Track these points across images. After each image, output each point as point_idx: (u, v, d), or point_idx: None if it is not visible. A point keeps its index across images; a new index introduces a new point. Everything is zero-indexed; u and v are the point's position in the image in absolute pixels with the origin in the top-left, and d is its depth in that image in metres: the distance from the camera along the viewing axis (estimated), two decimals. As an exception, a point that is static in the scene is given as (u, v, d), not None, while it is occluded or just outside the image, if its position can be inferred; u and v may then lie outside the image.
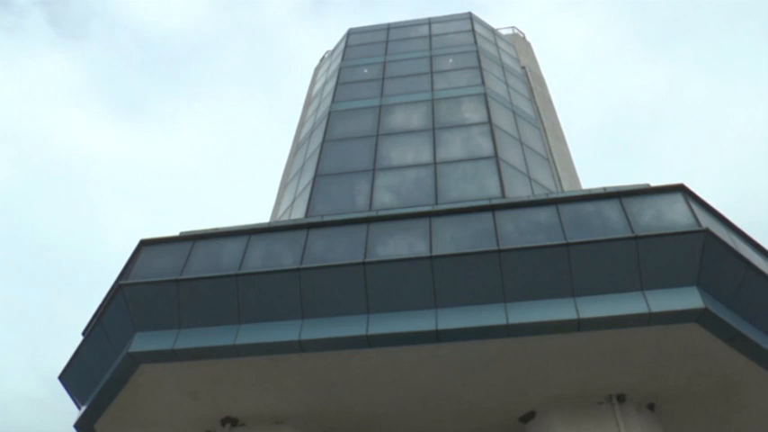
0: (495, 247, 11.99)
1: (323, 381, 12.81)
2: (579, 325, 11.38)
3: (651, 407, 13.00)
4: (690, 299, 11.28)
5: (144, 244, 14.14)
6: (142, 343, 12.71)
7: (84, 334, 14.32)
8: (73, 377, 14.37)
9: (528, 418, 13.28)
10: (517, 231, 12.41)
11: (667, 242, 11.67)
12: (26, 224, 73.36)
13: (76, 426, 13.93)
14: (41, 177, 78.04)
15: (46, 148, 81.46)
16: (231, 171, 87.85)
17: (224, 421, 13.69)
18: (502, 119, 19.16)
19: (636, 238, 11.71)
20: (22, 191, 76.01)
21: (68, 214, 79.18)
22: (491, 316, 11.58)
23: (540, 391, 12.73)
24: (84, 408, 13.91)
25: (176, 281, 12.84)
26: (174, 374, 12.92)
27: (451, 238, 12.49)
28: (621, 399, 12.68)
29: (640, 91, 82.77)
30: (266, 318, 12.33)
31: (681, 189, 12.80)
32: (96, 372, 13.59)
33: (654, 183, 13.25)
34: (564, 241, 11.89)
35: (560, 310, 11.44)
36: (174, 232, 14.48)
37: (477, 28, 26.11)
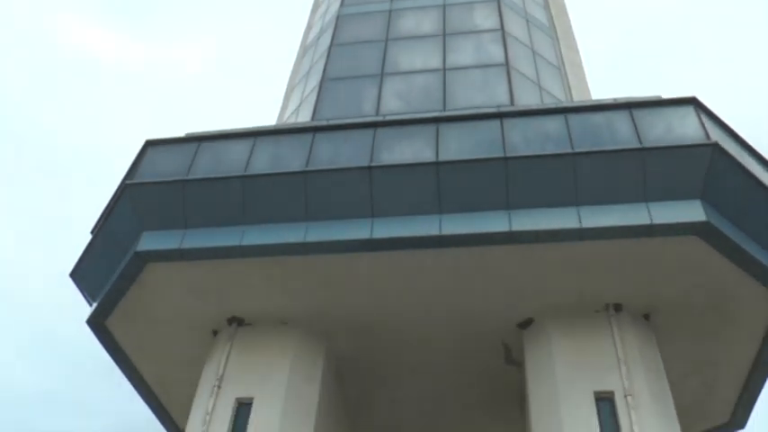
0: (502, 155, 11.95)
1: (326, 284, 13.09)
2: (581, 234, 11.49)
3: (646, 317, 13.27)
4: (692, 212, 11.31)
5: (149, 144, 14.14)
6: (149, 242, 12.92)
7: (92, 233, 14.54)
8: (83, 275, 14.70)
9: (526, 324, 13.62)
10: (524, 139, 12.34)
11: (675, 154, 11.61)
12: (35, 125, 73.12)
13: (88, 322, 14.34)
14: (49, 79, 77.27)
15: (53, 50, 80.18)
16: (238, 75, 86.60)
17: (230, 321, 14.09)
18: (514, 26, 18.67)
19: (643, 149, 11.64)
20: (31, 92, 75.44)
21: (75, 116, 78.81)
22: (494, 223, 11.68)
23: (539, 298, 13.00)
24: (94, 305, 14.29)
25: (182, 181, 12.92)
26: (180, 274, 13.20)
27: (458, 145, 12.44)
28: (618, 308, 12.95)
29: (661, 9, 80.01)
30: (271, 220, 12.46)
31: (693, 102, 12.60)
32: (105, 270, 13.88)
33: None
34: (571, 150, 11.83)
35: (563, 219, 11.51)
36: (181, 134, 14.47)
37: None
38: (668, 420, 12.14)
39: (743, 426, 15.95)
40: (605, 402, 12.11)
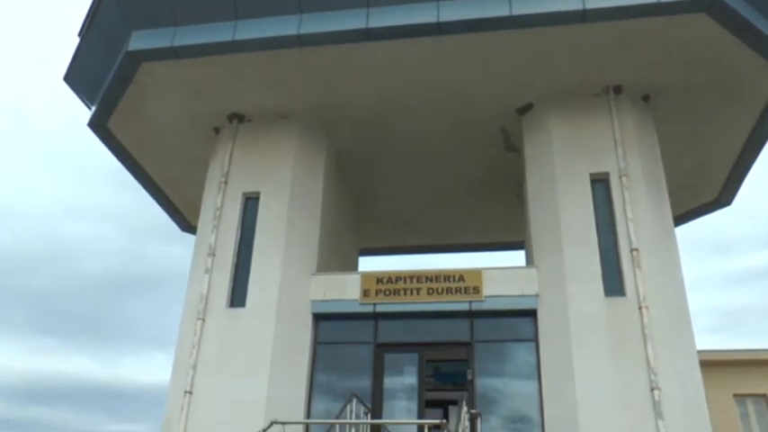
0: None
1: (324, 76, 12.95)
2: (584, 16, 11.13)
3: (645, 99, 13.29)
4: (701, -13, 10.85)
5: (128, -64, 13.18)
6: (140, 42, 12.55)
7: (79, 35, 14.09)
8: (77, 78, 14.49)
9: (525, 110, 13.69)
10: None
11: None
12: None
13: (90, 125, 14.40)
14: None
15: None
16: None
17: (230, 117, 14.16)
18: None
19: None
20: None
21: None
22: (495, 7, 11.26)
23: (539, 83, 12.94)
24: (93, 108, 14.26)
25: (166, -26, 12.24)
26: (176, 73, 13.01)
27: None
28: (618, 90, 12.94)
29: None
30: (264, 13, 12.00)
31: None
32: (100, 72, 13.66)
33: None
34: None
35: (565, 1, 11.10)
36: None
37: None
38: (659, 200, 12.66)
39: (729, 203, 16.67)
40: (600, 183, 12.58)
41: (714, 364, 17.65)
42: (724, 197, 16.41)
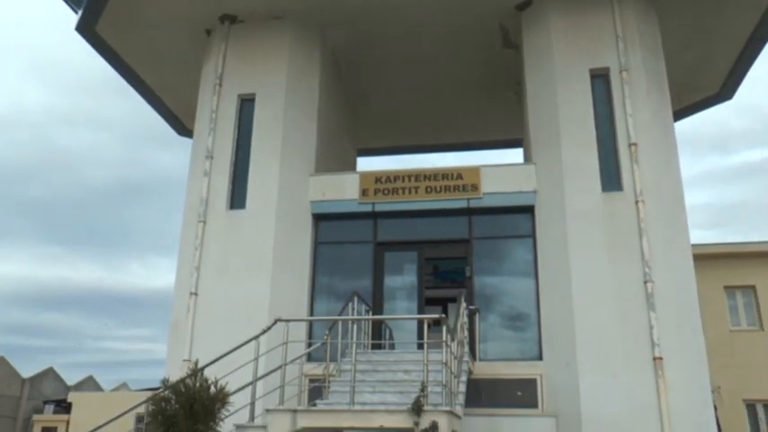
0: None
1: (317, -28, 12.53)
2: None
3: (650, -8, 12.95)
4: None
5: None
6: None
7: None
8: (60, -21, 14.00)
9: (524, 5, 13.34)
10: None
11: None
12: None
13: (78, 29, 14.02)
14: None
15: None
16: None
17: (222, 19, 13.79)
18: None
19: None
20: None
21: None
22: None
23: (539, -25, 12.54)
24: (80, 12, 13.84)
25: None
26: (164, -29, 12.59)
27: None
28: (621, -17, 12.56)
29: None
30: None
31: None
32: (84, -30, 13.20)
33: None
34: None
35: None
36: None
37: None
38: (659, 95, 12.54)
39: (730, 97, 16.50)
40: (600, 79, 12.43)
41: (706, 258, 18.04)
42: (725, 91, 16.24)
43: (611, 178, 11.63)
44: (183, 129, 17.86)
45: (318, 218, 13.00)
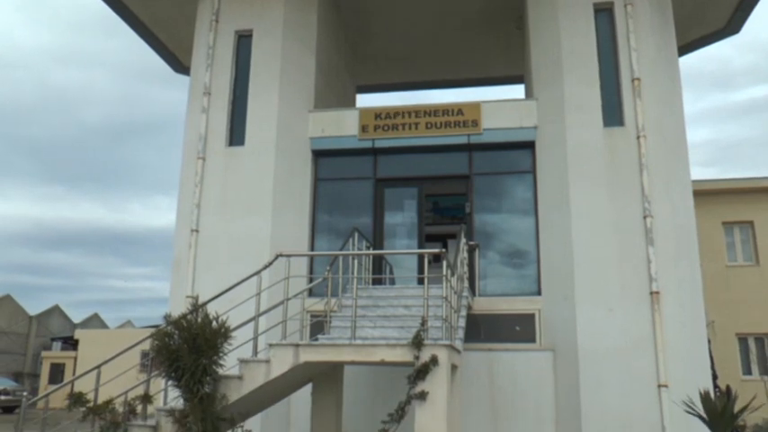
0: None
1: None
2: None
3: None
4: None
5: None
6: None
7: None
8: None
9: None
10: None
11: None
12: None
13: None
14: None
15: None
16: None
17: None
18: None
19: None
20: None
21: None
22: None
23: None
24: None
25: None
26: None
27: None
28: None
29: None
30: None
31: None
32: None
33: None
34: None
35: None
36: None
37: None
38: (664, 29, 12.32)
39: (737, 31, 16.14)
40: (604, 12, 12.17)
41: (705, 194, 18.11)
42: (732, 25, 15.84)
43: (612, 114, 11.53)
44: (180, 66, 17.55)
45: (318, 154, 12.95)
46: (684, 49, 16.14)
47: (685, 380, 10.00)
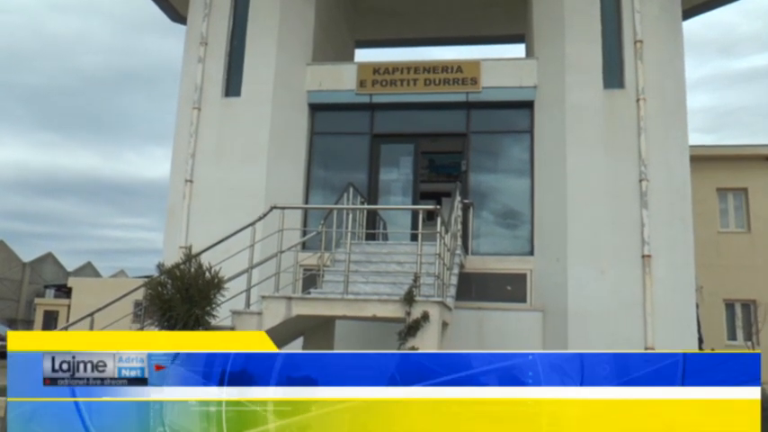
0: None
1: None
2: None
3: None
4: None
5: None
6: None
7: None
8: None
9: None
10: None
11: None
12: None
13: None
14: None
15: None
16: None
17: None
18: None
19: None
20: None
21: None
22: None
23: None
24: None
25: None
26: None
27: None
28: None
29: None
30: None
31: None
32: None
33: None
34: None
35: None
36: None
37: None
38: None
39: (743, -6, 15.92)
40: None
41: (700, 159, 18.06)
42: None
43: (613, 75, 11.43)
44: (177, 15, 17.17)
45: (315, 108, 12.82)
46: (689, 12, 15.87)
47: (672, 343, 10.12)
